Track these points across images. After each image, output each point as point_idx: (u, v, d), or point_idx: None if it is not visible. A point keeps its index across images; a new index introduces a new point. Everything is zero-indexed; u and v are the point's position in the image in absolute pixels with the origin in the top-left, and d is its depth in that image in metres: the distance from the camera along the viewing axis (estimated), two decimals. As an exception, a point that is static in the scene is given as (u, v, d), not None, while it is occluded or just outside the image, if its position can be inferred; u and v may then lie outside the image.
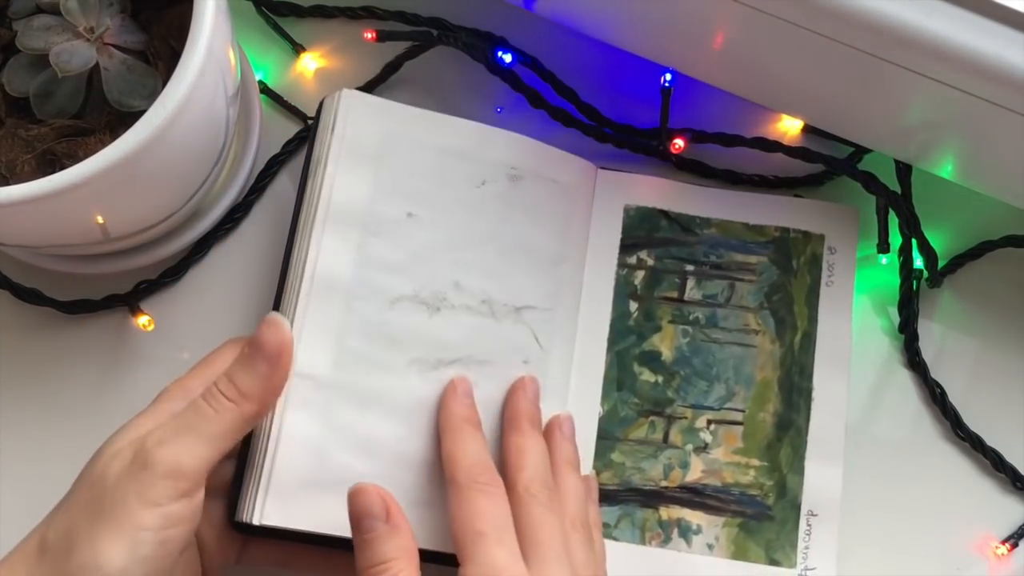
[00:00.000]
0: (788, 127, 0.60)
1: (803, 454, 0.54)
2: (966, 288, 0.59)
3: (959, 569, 0.55)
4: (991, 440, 0.56)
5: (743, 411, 0.55)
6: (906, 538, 0.55)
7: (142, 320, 0.56)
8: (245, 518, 0.47)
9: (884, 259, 0.58)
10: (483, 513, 0.45)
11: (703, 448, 0.54)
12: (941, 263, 0.58)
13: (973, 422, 0.56)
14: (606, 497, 0.54)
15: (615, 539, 0.53)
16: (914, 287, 0.57)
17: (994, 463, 0.55)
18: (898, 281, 0.58)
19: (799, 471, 0.54)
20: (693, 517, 0.53)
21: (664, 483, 0.54)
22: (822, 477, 0.54)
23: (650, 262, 0.57)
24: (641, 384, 0.55)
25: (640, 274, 0.56)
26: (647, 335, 0.56)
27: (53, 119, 0.50)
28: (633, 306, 0.56)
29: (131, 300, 0.57)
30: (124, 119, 0.49)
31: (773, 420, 0.54)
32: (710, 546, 0.53)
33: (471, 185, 0.54)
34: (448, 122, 0.55)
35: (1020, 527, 0.55)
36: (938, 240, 0.58)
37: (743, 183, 0.59)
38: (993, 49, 0.46)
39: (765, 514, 0.53)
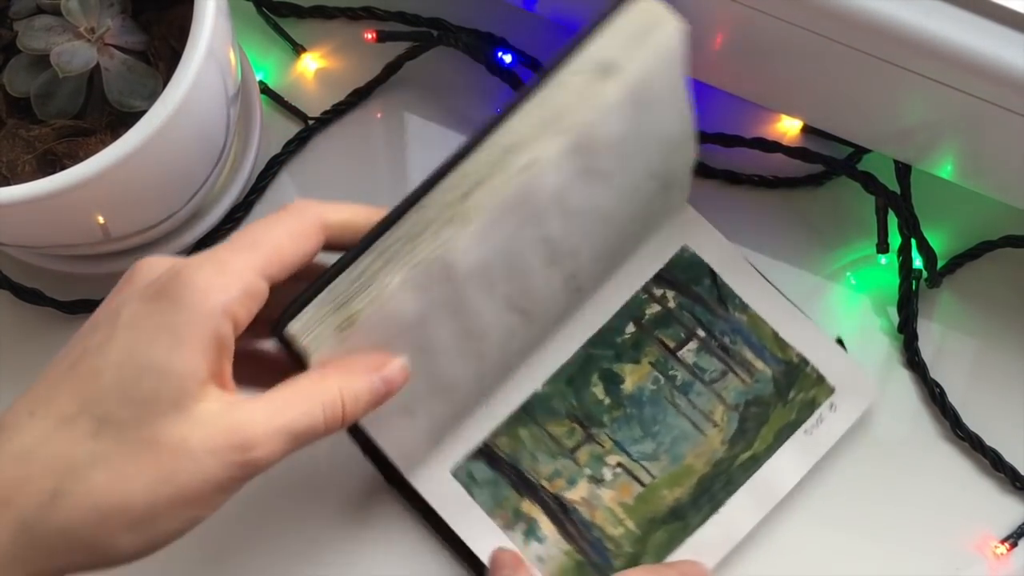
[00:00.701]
0: (788, 127, 0.60)
1: (672, 549, 0.53)
2: (965, 288, 0.59)
3: (958, 568, 0.55)
4: (990, 440, 0.56)
5: (654, 478, 0.54)
6: (905, 538, 0.55)
7: (143, 320, 0.56)
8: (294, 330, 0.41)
9: (883, 259, 0.59)
10: None
11: (598, 480, 0.54)
12: (940, 263, 0.58)
13: (972, 422, 0.56)
14: (492, 459, 0.54)
15: (472, 495, 0.53)
16: (913, 287, 0.57)
17: (993, 463, 0.55)
18: (897, 281, 0.58)
19: (658, 559, 0.53)
20: (546, 527, 0.53)
21: (544, 483, 0.54)
22: None
23: (671, 304, 0.56)
24: (588, 393, 0.55)
25: (655, 308, 0.56)
26: (623, 360, 0.55)
27: (54, 119, 0.50)
28: (630, 328, 0.56)
29: (132, 300, 0.57)
30: (125, 119, 0.50)
31: (672, 504, 0.54)
32: (541, 559, 0.53)
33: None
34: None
35: (1019, 526, 0.55)
36: (937, 240, 0.58)
37: (742, 183, 0.59)
38: (993, 49, 0.46)
39: (606, 568, 0.53)
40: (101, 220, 0.49)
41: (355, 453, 0.53)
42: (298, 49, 0.61)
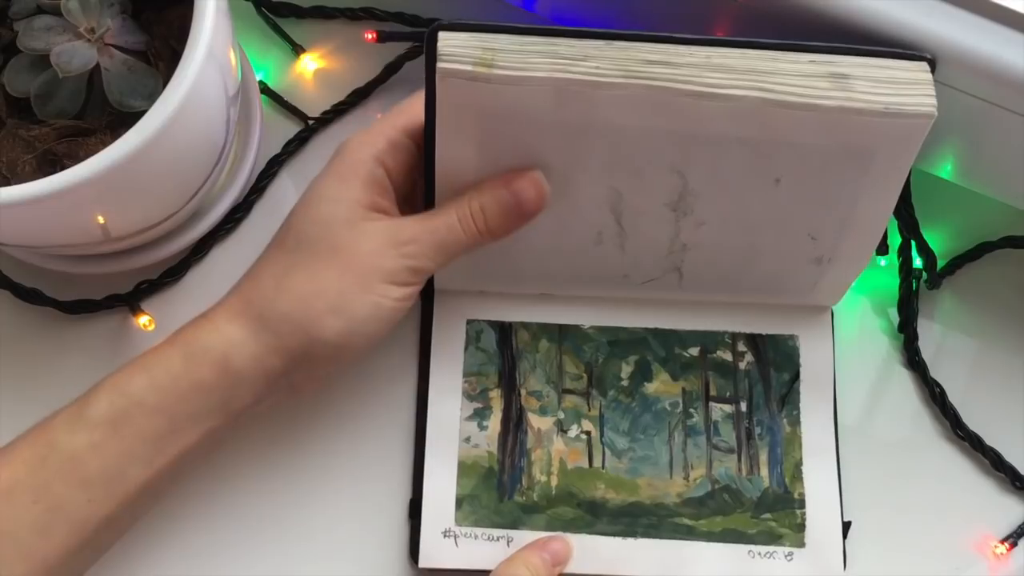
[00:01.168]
0: (787, 127, 0.60)
1: (564, 529, 0.53)
2: (965, 289, 0.59)
3: (958, 568, 0.55)
4: (990, 439, 0.56)
5: (603, 468, 0.54)
6: (905, 537, 0.55)
7: (143, 320, 0.56)
8: None
9: (883, 261, 0.59)
10: None
11: (562, 430, 0.55)
12: (940, 263, 0.58)
13: (972, 421, 0.56)
14: (503, 339, 0.56)
15: (465, 349, 0.56)
16: (913, 287, 0.57)
17: (993, 462, 0.55)
18: (897, 283, 0.58)
19: (549, 527, 0.53)
20: (494, 423, 0.55)
21: (523, 391, 0.55)
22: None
23: (741, 365, 0.56)
24: (617, 365, 0.56)
25: (727, 356, 0.56)
26: (665, 367, 0.56)
27: (54, 119, 0.50)
28: (693, 351, 0.56)
29: (132, 300, 0.57)
30: (125, 119, 0.49)
31: (597, 499, 0.54)
32: (467, 440, 0.54)
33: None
34: None
35: (1019, 526, 0.55)
36: (937, 241, 0.58)
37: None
38: (993, 49, 0.46)
39: (502, 493, 0.54)
40: (101, 220, 0.49)
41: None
42: (298, 49, 0.61)
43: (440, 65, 0.45)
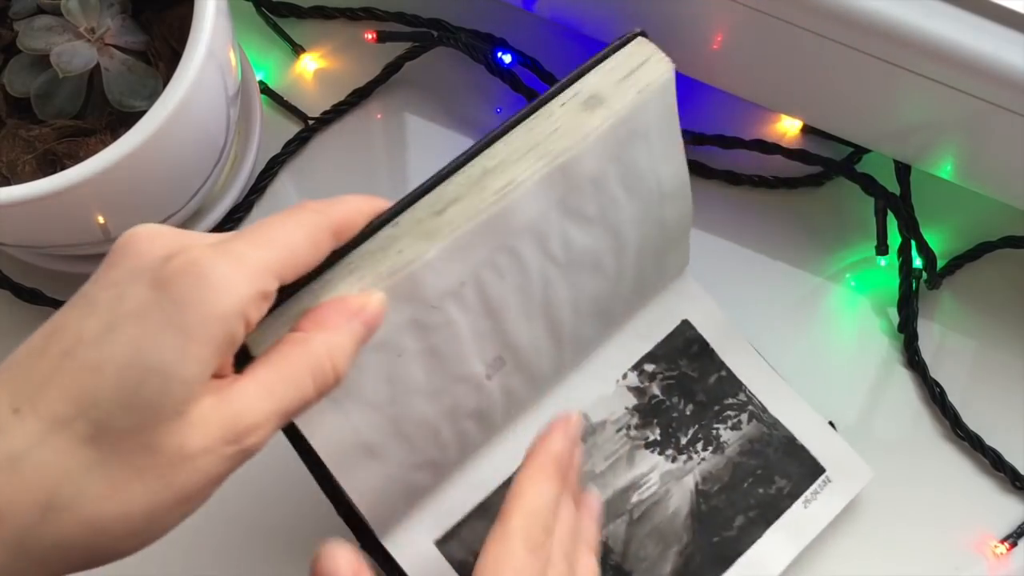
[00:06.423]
0: (787, 127, 0.60)
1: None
2: (965, 289, 0.59)
3: (958, 568, 0.55)
4: (990, 439, 0.56)
5: None
6: (905, 537, 0.55)
7: (142, 320, 0.56)
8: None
9: (883, 261, 0.59)
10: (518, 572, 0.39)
11: None
12: (940, 263, 0.58)
13: (972, 421, 0.56)
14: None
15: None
16: (913, 287, 0.57)
17: (993, 462, 0.55)
18: (897, 283, 0.58)
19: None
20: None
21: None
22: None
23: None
24: None
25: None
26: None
27: (54, 119, 0.50)
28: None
29: (131, 300, 0.57)
30: (125, 119, 0.50)
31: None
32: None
33: None
34: None
35: (1019, 526, 0.55)
36: (937, 241, 0.58)
37: (742, 184, 0.59)
38: (993, 49, 0.46)
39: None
40: (101, 220, 0.49)
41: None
42: (298, 49, 0.61)
43: (255, 350, 0.37)
